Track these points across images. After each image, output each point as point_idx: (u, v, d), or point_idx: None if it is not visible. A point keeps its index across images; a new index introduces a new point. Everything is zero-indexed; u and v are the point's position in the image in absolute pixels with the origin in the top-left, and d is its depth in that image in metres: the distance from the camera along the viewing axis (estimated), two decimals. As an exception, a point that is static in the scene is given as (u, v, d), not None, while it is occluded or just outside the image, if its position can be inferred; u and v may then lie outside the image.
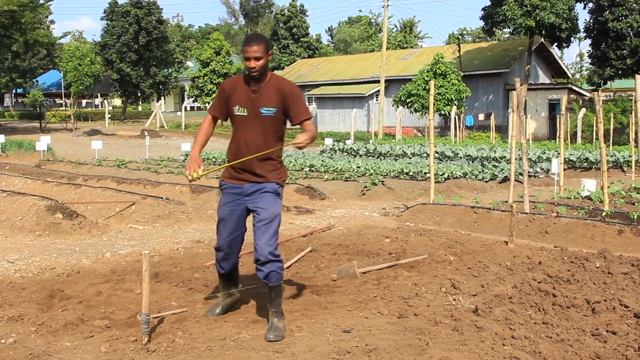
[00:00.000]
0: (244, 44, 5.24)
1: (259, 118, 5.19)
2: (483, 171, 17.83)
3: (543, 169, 19.37)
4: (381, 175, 16.46)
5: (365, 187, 14.75)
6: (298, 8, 71.66)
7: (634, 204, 11.74)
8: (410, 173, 17.03)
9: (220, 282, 5.79)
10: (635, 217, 9.81)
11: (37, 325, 5.44)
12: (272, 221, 5.14)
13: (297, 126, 5.31)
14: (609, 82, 41.14)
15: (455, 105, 35.71)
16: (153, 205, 11.66)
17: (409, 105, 37.26)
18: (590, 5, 38.49)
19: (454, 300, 6.12)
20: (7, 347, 4.88)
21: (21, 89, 67.46)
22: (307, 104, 5.43)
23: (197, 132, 5.54)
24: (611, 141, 28.22)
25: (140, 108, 71.56)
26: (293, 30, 70.34)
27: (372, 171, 17.20)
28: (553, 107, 41.23)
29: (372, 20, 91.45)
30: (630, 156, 19.82)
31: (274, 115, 5.19)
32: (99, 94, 68.06)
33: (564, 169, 14.81)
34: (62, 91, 61.56)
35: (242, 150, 5.25)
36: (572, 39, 40.80)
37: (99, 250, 8.78)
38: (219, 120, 5.53)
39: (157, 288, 6.60)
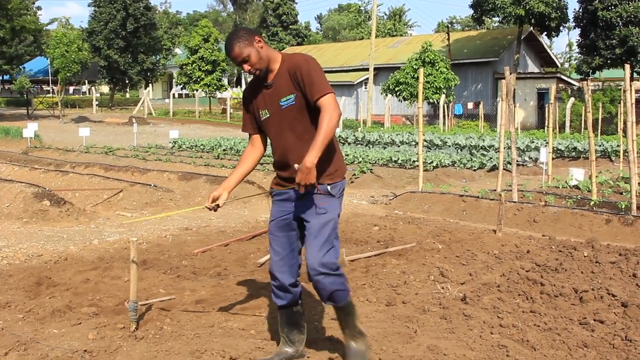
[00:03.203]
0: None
1: (281, 114, 4.20)
2: (471, 160, 17.85)
3: (531, 158, 19.40)
4: (370, 163, 16.46)
5: (354, 175, 14.74)
6: (287, -5, 71.43)
7: (621, 193, 11.79)
8: (399, 161, 17.02)
9: (280, 321, 4.51)
10: (623, 206, 9.85)
11: (25, 312, 5.41)
12: (323, 227, 4.12)
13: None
14: (597, 72, 41.19)
15: (444, 93, 35.71)
16: (141, 192, 11.62)
17: (398, 93, 37.24)
18: (580, -6, 38.53)
19: (443, 288, 6.13)
20: (-7, 334, 4.86)
21: (7, 76, 66.88)
22: (322, 71, 4.15)
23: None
24: (599, 131, 28.28)
25: (128, 95, 71.19)
26: (282, 18, 70.16)
27: (360, 159, 17.19)
28: (542, 96, 41.32)
29: (362, 8, 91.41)
30: (618, 146, 19.87)
31: (296, 103, 4.14)
32: (86, 81, 67.60)
33: (553, 158, 14.85)
34: (49, 78, 60.93)
35: (282, 160, 4.28)
36: (561, 28, 40.80)
37: (87, 238, 8.75)
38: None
39: (145, 275, 6.59)
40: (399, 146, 22.69)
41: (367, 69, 43.96)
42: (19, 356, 4.41)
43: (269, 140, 4.42)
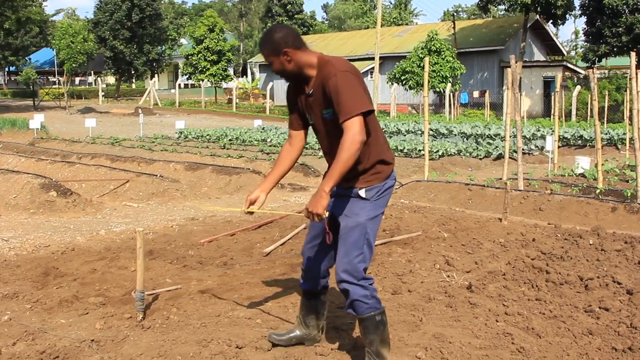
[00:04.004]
0: None
1: (325, 123, 4.01)
2: (477, 148, 17.84)
3: (537, 147, 19.38)
4: (376, 152, 16.43)
5: (360, 164, 14.70)
6: (292, -16, 71.16)
7: (627, 181, 11.77)
8: (405, 150, 17.02)
9: (301, 303, 4.55)
10: (629, 194, 9.83)
11: (32, 302, 5.45)
12: (350, 231, 3.93)
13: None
14: (603, 60, 41.03)
15: (449, 82, 35.61)
16: (147, 182, 11.65)
17: (404, 82, 37.15)
18: (586, -19, 38.33)
19: (448, 276, 6.15)
20: (2, 324, 4.90)
21: (14, 67, 67.02)
22: (359, 91, 3.79)
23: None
24: (606, 119, 28.22)
25: (134, 86, 71.22)
26: (287, 7, 69.92)
27: (366, 149, 17.13)
28: (548, 84, 41.17)
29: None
30: (624, 134, 19.84)
31: (335, 117, 3.85)
32: (92, 72, 67.59)
33: (558, 147, 14.83)
34: (55, 69, 61.16)
35: (327, 162, 4.17)
36: (567, 15, 40.61)
37: (94, 228, 8.78)
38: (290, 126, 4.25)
39: (152, 265, 6.61)
40: (404, 135, 22.67)
41: (372, 58, 43.79)
42: (27, 346, 4.44)
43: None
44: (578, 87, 34.18)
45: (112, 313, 5.16)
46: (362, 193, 3.96)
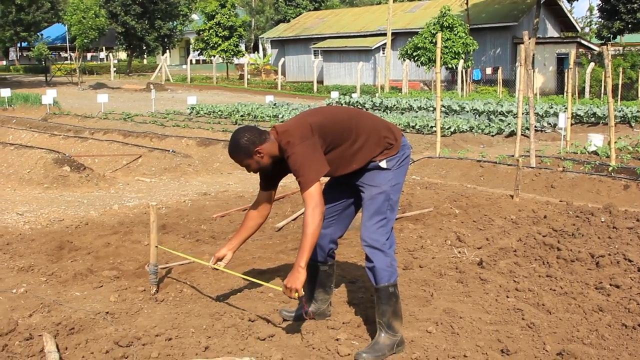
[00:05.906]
0: None
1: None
2: (489, 125, 17.78)
3: (550, 124, 19.30)
4: (387, 129, 16.41)
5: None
6: (305, -41, 70.52)
7: (640, 158, 11.74)
8: (417, 127, 16.99)
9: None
10: (642, 171, 9.81)
11: (47, 275, 5.51)
12: (373, 198, 4.08)
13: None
14: (618, 37, 40.64)
15: (462, 58, 35.40)
16: (160, 158, 11.70)
17: (416, 58, 36.97)
18: (601, -43, 37.90)
19: (459, 252, 6.17)
20: (18, 296, 4.96)
21: (26, 43, 67.01)
22: (309, 161, 3.91)
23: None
24: (619, 96, 28.02)
25: (145, 61, 71.16)
26: (299, -17, 69.42)
27: (378, 125, 17.12)
28: (561, 61, 40.87)
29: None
30: (638, 111, 19.72)
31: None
32: (104, 48, 67.47)
33: (571, 124, 14.76)
34: (67, 45, 61.01)
35: None
36: (581, -9, 40.23)
37: (107, 203, 8.84)
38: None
39: (165, 239, 6.66)
40: (416, 112, 22.62)
41: (384, 34, 43.59)
42: (43, 317, 4.50)
43: None
44: (592, 64, 33.91)
45: (126, 286, 5.22)
46: (383, 164, 4.12)
